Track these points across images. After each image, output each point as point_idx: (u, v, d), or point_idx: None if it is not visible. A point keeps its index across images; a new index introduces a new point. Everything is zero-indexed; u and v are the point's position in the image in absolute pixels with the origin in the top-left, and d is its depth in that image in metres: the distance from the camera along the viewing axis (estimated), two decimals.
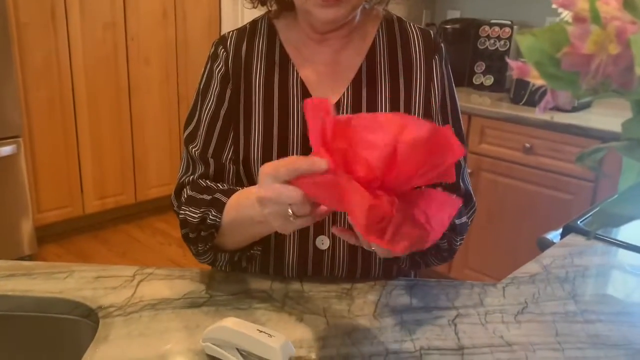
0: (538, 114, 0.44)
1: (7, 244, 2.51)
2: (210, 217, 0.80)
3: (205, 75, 0.93)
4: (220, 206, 0.80)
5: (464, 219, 0.90)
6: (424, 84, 0.90)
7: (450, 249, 0.89)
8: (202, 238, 0.82)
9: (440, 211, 0.63)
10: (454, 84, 0.94)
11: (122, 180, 3.06)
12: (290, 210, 0.64)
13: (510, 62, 0.43)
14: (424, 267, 0.93)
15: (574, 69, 0.40)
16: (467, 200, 0.93)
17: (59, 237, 2.93)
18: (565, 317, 0.80)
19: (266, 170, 0.66)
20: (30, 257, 2.59)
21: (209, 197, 0.83)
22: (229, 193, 0.81)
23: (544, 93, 0.44)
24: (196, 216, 0.82)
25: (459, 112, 0.95)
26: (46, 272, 0.86)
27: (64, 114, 2.75)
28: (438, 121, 0.91)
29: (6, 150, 2.41)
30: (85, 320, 0.79)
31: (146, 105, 3.06)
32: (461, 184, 0.92)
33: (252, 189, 0.76)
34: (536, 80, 0.42)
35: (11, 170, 2.47)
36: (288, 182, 0.64)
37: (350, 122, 0.59)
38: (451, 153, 0.59)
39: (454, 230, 0.87)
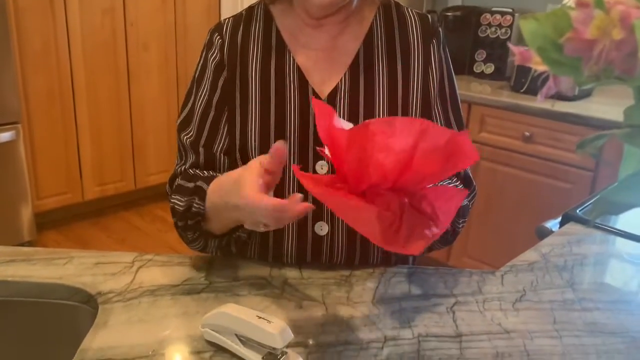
0: (539, 100, 0.44)
1: (6, 230, 2.51)
2: (195, 205, 0.81)
3: (200, 64, 0.93)
4: (202, 193, 0.81)
5: (465, 202, 0.91)
6: (422, 68, 0.90)
7: (453, 232, 0.91)
8: (189, 226, 0.83)
9: (448, 202, 0.65)
10: (452, 69, 0.94)
11: (122, 167, 3.05)
12: (261, 225, 0.69)
13: (512, 47, 0.43)
14: (427, 251, 0.94)
15: (577, 55, 0.40)
16: (468, 183, 0.95)
17: (58, 224, 2.93)
18: (563, 305, 0.80)
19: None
20: (29, 244, 2.59)
21: (192, 185, 0.83)
22: (210, 180, 0.82)
23: (546, 80, 0.44)
24: (182, 204, 0.83)
25: (458, 96, 0.95)
26: (46, 258, 0.86)
27: (62, 100, 2.74)
28: (437, 105, 0.91)
29: (5, 136, 2.40)
30: (84, 306, 0.79)
31: (145, 91, 3.04)
32: None
33: (233, 173, 0.76)
34: (538, 66, 0.42)
35: (10, 157, 2.46)
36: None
37: (368, 127, 0.59)
38: (465, 159, 0.60)
39: (457, 213, 0.88)
